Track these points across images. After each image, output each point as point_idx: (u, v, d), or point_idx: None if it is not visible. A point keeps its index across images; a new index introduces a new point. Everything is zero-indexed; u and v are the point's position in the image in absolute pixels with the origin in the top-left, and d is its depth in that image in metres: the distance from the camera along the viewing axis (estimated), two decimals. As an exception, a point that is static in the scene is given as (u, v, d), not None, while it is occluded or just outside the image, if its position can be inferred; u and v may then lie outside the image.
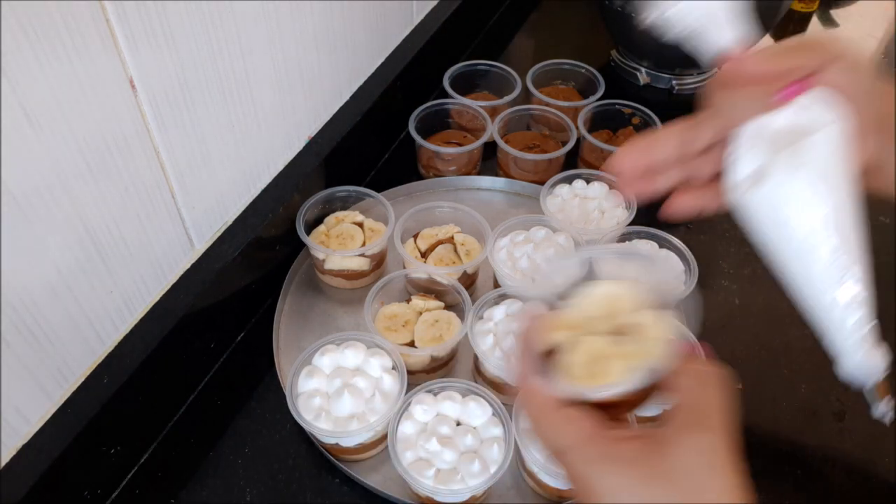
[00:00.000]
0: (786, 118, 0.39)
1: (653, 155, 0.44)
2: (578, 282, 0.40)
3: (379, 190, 0.78)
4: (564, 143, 0.84)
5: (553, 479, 0.56)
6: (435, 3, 0.99)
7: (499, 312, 0.65)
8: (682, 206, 0.47)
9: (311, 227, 0.75)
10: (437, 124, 0.90)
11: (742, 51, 0.40)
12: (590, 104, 0.88)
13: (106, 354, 0.56)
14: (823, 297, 0.41)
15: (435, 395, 0.59)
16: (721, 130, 0.43)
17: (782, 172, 0.39)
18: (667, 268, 0.42)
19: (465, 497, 0.55)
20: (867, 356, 0.42)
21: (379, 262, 0.75)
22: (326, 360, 0.60)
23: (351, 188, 0.77)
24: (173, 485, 0.59)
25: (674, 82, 1.01)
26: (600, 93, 0.92)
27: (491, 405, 0.58)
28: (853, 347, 0.42)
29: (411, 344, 0.65)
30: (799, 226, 0.40)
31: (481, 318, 0.66)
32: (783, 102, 0.39)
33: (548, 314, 0.39)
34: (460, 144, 0.88)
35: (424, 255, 0.74)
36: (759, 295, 0.76)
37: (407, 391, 0.59)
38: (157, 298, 0.61)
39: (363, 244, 0.73)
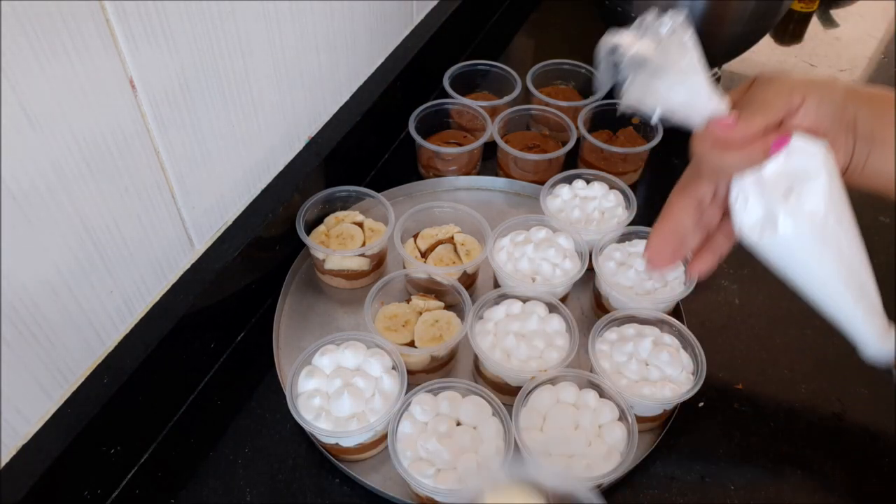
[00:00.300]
0: (776, 167, 0.44)
1: (681, 234, 0.49)
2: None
3: (379, 190, 0.78)
4: (564, 143, 0.84)
5: (553, 479, 0.56)
6: (435, 3, 0.99)
7: (499, 312, 0.65)
8: (706, 266, 0.52)
9: (311, 227, 0.75)
10: (437, 124, 0.90)
11: (726, 117, 0.43)
12: (590, 104, 0.88)
13: (106, 354, 0.56)
14: (844, 309, 0.48)
15: (435, 395, 0.59)
16: (718, 184, 0.48)
17: (791, 220, 0.44)
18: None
19: (465, 497, 0.55)
20: (888, 343, 0.49)
21: (379, 262, 0.75)
22: (326, 360, 0.60)
23: (351, 188, 0.77)
24: (173, 485, 0.59)
25: (674, 82, 1.01)
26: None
27: (491, 405, 0.58)
28: (875, 340, 0.49)
29: (411, 344, 0.65)
30: (814, 263, 0.45)
31: (481, 318, 0.66)
32: (772, 157, 0.44)
33: None
34: (460, 144, 0.88)
35: (424, 255, 0.74)
36: (759, 295, 0.76)
37: (407, 391, 0.59)
38: (157, 298, 0.61)
39: (363, 244, 0.73)
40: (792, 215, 0.43)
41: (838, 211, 0.45)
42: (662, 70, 0.42)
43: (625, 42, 0.43)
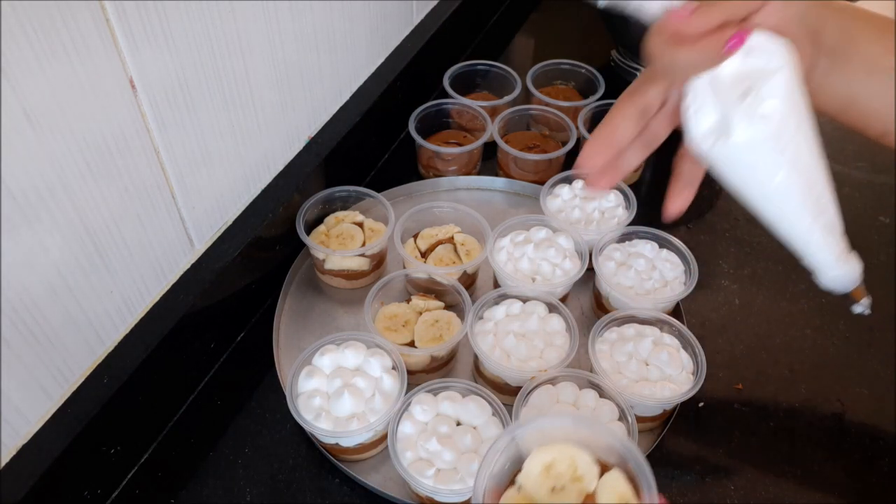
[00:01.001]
0: (734, 67, 0.40)
1: (618, 142, 0.44)
2: (516, 460, 0.41)
3: (379, 190, 0.78)
4: (564, 143, 0.84)
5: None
6: (435, 3, 0.99)
7: (499, 312, 0.65)
8: (683, 201, 0.47)
9: (311, 227, 0.75)
10: (437, 124, 0.90)
11: (682, 8, 0.39)
12: (590, 104, 0.88)
13: (106, 354, 0.56)
14: (800, 226, 0.44)
15: (435, 395, 0.59)
16: (670, 89, 0.44)
17: (745, 124, 0.40)
18: (598, 421, 0.44)
19: (465, 497, 0.55)
20: (845, 268, 0.47)
21: (379, 262, 0.75)
22: (326, 360, 0.60)
23: (351, 188, 0.77)
24: (173, 485, 0.59)
25: (674, 82, 1.01)
26: (600, 93, 0.92)
27: (491, 405, 0.58)
28: (832, 263, 0.46)
29: (411, 344, 0.65)
30: (769, 173, 0.41)
31: (481, 318, 0.66)
32: (729, 54, 0.40)
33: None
34: (460, 144, 0.88)
35: (424, 255, 0.74)
36: (759, 295, 0.76)
37: (407, 391, 0.59)
38: (157, 298, 0.61)
39: (363, 244, 0.73)
40: (748, 118, 0.39)
41: (798, 117, 0.41)
42: None
43: None
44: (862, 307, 0.51)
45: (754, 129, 0.40)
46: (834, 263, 0.46)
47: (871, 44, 0.41)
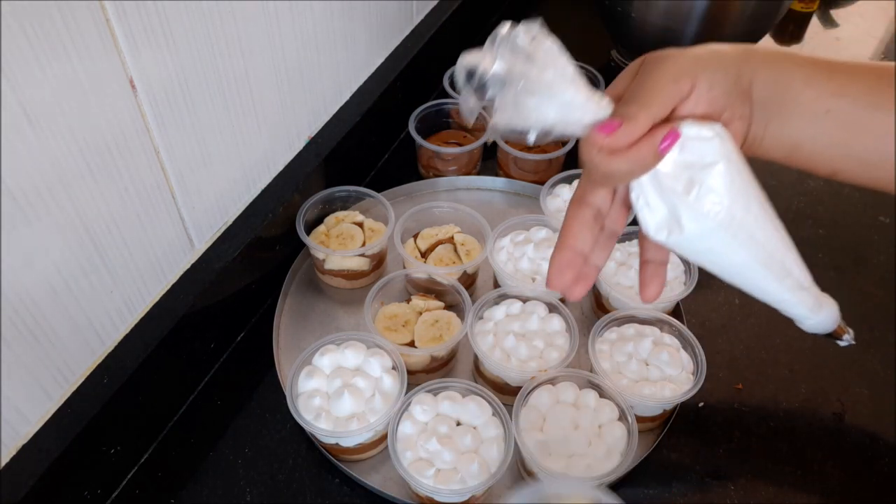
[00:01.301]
0: (672, 162, 0.40)
1: (581, 251, 0.44)
2: None
3: (379, 190, 0.78)
4: (564, 144, 0.84)
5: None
6: (435, 3, 0.99)
7: (499, 312, 0.65)
8: (657, 289, 0.47)
9: (311, 227, 0.75)
10: (437, 124, 0.90)
11: (609, 122, 0.39)
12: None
13: (106, 354, 0.56)
14: (769, 291, 0.46)
15: (435, 395, 0.59)
16: (614, 190, 0.44)
17: (693, 218, 0.40)
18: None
19: (465, 497, 0.55)
20: (822, 314, 0.49)
21: (379, 262, 0.75)
22: (326, 360, 0.60)
23: (351, 188, 0.77)
24: (173, 485, 0.59)
25: (674, 82, 1.01)
26: (600, 93, 0.91)
27: (491, 405, 0.58)
28: (808, 314, 0.49)
29: (411, 344, 0.65)
30: (727, 255, 0.42)
31: (481, 318, 0.66)
32: (663, 156, 0.40)
33: None
34: (460, 144, 0.88)
35: (424, 255, 0.74)
36: (759, 295, 0.76)
37: (407, 391, 0.59)
38: (157, 298, 0.61)
39: (363, 244, 0.73)
40: (694, 213, 0.40)
41: (745, 197, 0.41)
42: (528, 87, 0.38)
43: (481, 62, 0.39)
44: (846, 341, 0.54)
45: (703, 223, 0.40)
46: (809, 314, 0.49)
47: (805, 88, 0.40)
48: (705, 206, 0.40)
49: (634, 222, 0.77)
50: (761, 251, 0.42)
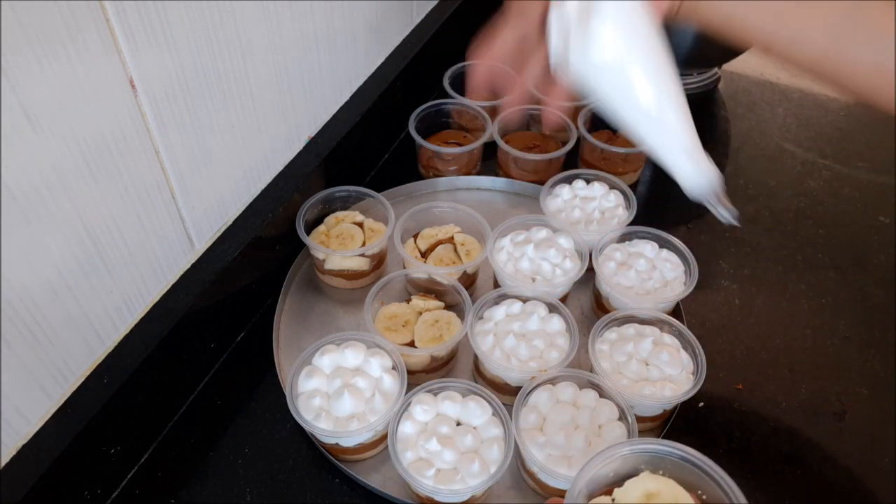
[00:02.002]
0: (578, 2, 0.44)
1: (501, 67, 0.50)
2: (621, 476, 0.42)
3: (379, 190, 0.78)
4: (564, 143, 0.84)
5: (553, 479, 0.56)
6: (435, 3, 0.99)
7: (499, 312, 0.65)
8: (557, 116, 0.51)
9: (311, 227, 0.75)
10: (437, 124, 0.90)
11: None
12: (590, 104, 0.88)
13: (106, 354, 0.56)
14: (653, 144, 0.48)
15: (435, 395, 0.59)
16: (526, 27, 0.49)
17: (593, 47, 0.43)
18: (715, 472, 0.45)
19: (465, 497, 0.55)
20: (709, 175, 0.49)
21: (379, 262, 0.75)
22: (326, 360, 0.60)
23: (351, 188, 0.77)
24: (173, 485, 0.59)
25: (674, 82, 1.01)
26: (600, 93, 0.91)
27: (491, 405, 0.58)
28: (690, 175, 0.49)
29: (411, 344, 0.65)
30: (612, 100, 0.45)
31: (481, 318, 0.66)
32: None
33: None
34: (460, 144, 0.88)
35: (424, 255, 0.74)
36: (759, 295, 0.76)
37: (407, 391, 0.59)
38: (157, 298, 0.61)
39: (363, 244, 0.73)
40: (582, 51, 0.44)
41: (634, 50, 0.44)
42: None
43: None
44: (727, 214, 0.51)
45: (587, 61, 0.44)
46: (689, 176, 0.49)
47: None
48: (593, 49, 0.43)
49: (634, 222, 0.78)
50: (643, 102, 0.45)
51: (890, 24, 0.43)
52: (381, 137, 0.90)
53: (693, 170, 0.48)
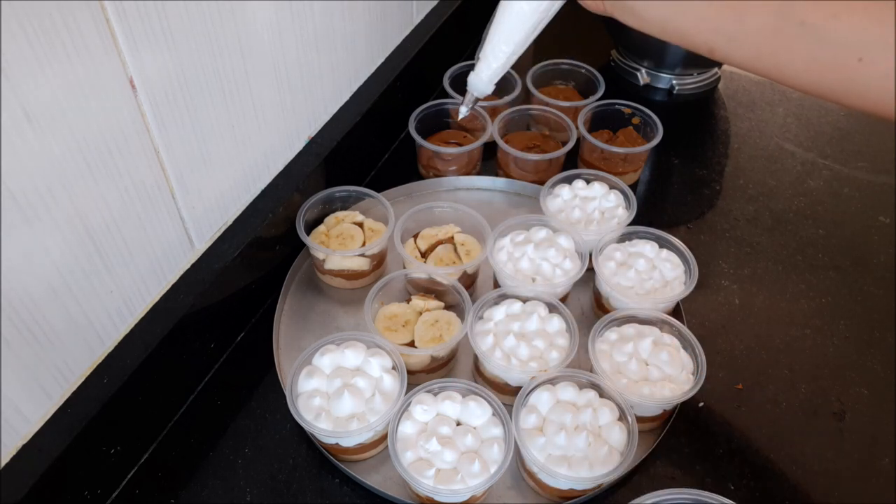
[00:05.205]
0: None
1: None
2: None
3: (379, 190, 0.78)
4: (564, 143, 0.84)
5: (553, 479, 0.56)
6: (435, 3, 0.99)
7: (499, 312, 0.65)
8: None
9: (311, 227, 0.75)
10: (437, 124, 0.90)
11: None
12: (590, 104, 0.88)
13: (106, 354, 0.56)
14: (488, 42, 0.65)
15: (435, 395, 0.59)
16: None
17: None
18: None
19: (465, 497, 0.55)
20: (477, 77, 0.65)
21: (379, 262, 0.75)
22: (326, 360, 0.60)
23: (351, 188, 0.77)
24: (173, 485, 0.59)
25: (674, 82, 1.01)
26: (600, 93, 0.92)
27: (491, 405, 0.58)
28: (485, 80, 0.65)
29: (411, 344, 0.65)
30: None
31: (481, 318, 0.66)
32: None
33: None
34: (460, 144, 0.88)
35: (424, 255, 0.74)
36: (759, 295, 0.76)
37: (407, 391, 0.59)
38: (157, 298, 0.61)
39: (363, 244, 0.73)
40: None
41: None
42: None
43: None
44: (464, 109, 0.67)
45: None
46: (487, 81, 0.65)
47: None
48: None
49: (634, 222, 0.78)
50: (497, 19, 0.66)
51: (820, 16, 0.43)
52: (381, 137, 0.90)
53: (479, 68, 0.64)
